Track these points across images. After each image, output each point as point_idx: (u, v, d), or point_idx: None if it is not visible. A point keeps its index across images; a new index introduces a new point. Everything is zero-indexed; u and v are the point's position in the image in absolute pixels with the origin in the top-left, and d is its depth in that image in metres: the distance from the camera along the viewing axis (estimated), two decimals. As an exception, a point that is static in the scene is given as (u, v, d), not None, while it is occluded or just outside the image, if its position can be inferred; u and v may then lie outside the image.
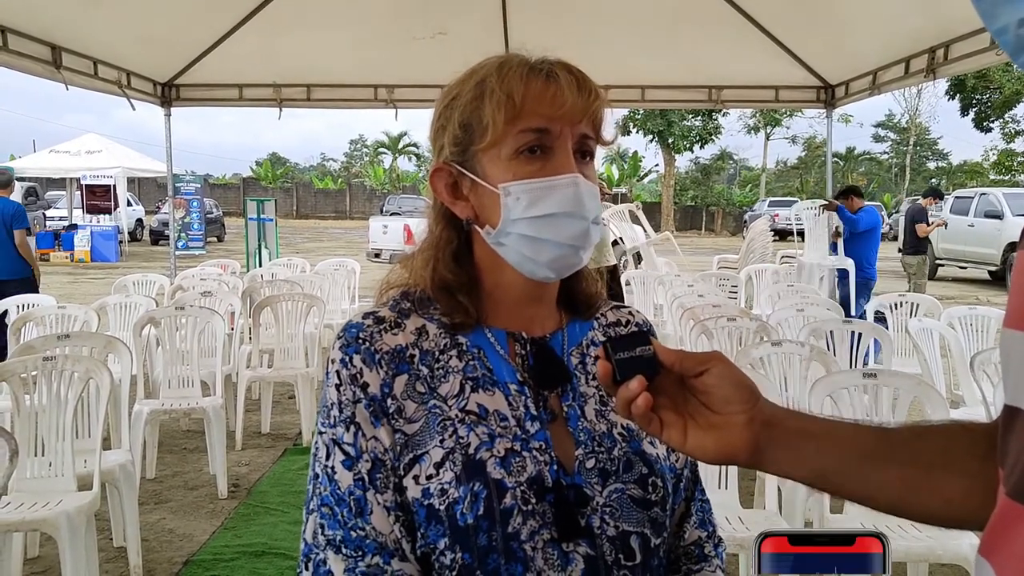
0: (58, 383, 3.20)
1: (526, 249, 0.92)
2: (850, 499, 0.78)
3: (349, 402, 0.90)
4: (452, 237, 0.97)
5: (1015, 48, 0.60)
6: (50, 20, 5.44)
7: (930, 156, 50.06)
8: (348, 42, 7.03)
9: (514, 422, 0.92)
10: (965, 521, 0.75)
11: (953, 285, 15.94)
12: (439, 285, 0.96)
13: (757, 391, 0.77)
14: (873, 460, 0.75)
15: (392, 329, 0.94)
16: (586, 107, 0.90)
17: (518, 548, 0.85)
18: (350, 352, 0.91)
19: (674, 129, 34.20)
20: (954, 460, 0.74)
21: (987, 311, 5.01)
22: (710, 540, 1.07)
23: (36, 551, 3.64)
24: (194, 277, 7.24)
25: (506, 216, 0.91)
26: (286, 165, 56.14)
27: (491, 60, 0.94)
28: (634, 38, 6.77)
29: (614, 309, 1.10)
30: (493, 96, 0.89)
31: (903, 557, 2.77)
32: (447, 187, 0.96)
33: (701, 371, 0.76)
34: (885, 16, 5.73)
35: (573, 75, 0.91)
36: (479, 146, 0.91)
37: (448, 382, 0.93)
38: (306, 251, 19.99)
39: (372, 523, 0.87)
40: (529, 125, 0.89)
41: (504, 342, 0.97)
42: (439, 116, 0.97)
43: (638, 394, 0.74)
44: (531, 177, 0.90)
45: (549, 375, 0.97)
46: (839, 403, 3.02)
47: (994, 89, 31.43)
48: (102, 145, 21.51)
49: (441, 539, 0.86)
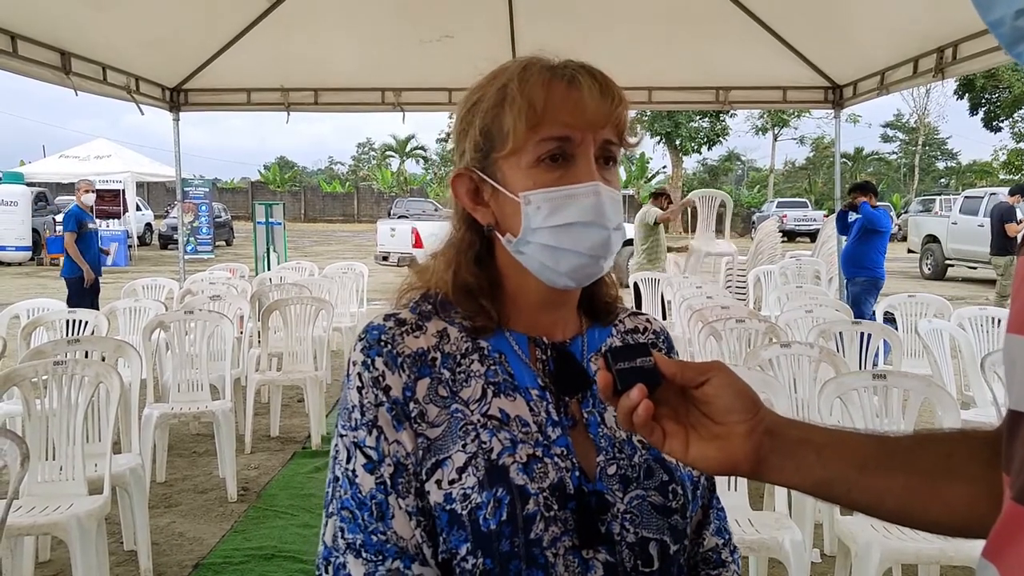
0: (68, 387, 3.21)
1: (546, 258, 0.91)
2: (854, 508, 0.78)
3: (371, 405, 0.89)
4: (474, 240, 0.97)
5: (1011, 40, 0.60)
6: (59, 26, 5.47)
7: (939, 156, 49.83)
8: (355, 46, 7.05)
9: (536, 428, 0.91)
10: (969, 528, 0.74)
11: (963, 285, 15.86)
12: (461, 288, 0.95)
13: (759, 401, 0.77)
14: (875, 469, 0.74)
15: (414, 332, 0.93)
16: (609, 113, 0.89)
17: (540, 555, 0.85)
18: (372, 354, 0.91)
19: (681, 130, 34.14)
20: (957, 467, 0.74)
21: (997, 312, 4.98)
22: (726, 547, 1.08)
23: (47, 555, 3.65)
24: (203, 281, 7.27)
25: (526, 225, 0.90)
26: (294, 169, 56.22)
27: (514, 63, 0.93)
28: (641, 40, 6.76)
29: (632, 316, 1.10)
30: (514, 103, 0.88)
31: (914, 559, 2.76)
32: (468, 192, 0.96)
33: (702, 381, 0.76)
34: (893, 16, 5.71)
35: (596, 80, 0.90)
36: (500, 153, 0.91)
37: (470, 386, 0.92)
38: (314, 254, 20.06)
39: (393, 527, 0.87)
40: (551, 133, 0.88)
41: (525, 347, 0.97)
42: (461, 120, 0.96)
43: (639, 403, 0.73)
44: (552, 185, 0.89)
45: (570, 380, 0.96)
46: (848, 404, 3.01)
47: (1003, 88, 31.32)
48: (111, 150, 21.61)
49: (463, 544, 0.86)
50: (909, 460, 0.75)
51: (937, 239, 17.33)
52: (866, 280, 7.33)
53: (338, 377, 6.54)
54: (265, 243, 11.99)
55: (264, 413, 5.79)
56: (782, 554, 2.74)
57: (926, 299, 5.78)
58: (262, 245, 11.99)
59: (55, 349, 3.72)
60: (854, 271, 7.44)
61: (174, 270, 9.89)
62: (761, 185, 46.49)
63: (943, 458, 0.75)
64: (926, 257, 17.83)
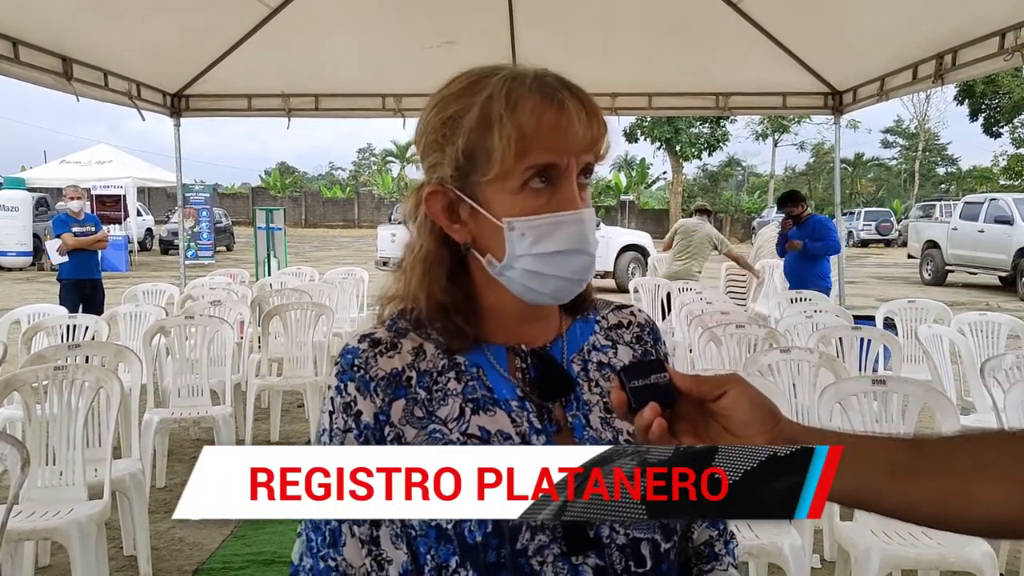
0: (69, 392, 3.21)
1: (530, 282, 0.90)
2: (886, 515, 0.75)
3: (339, 431, 0.90)
4: (445, 256, 0.95)
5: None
6: (61, 32, 5.48)
7: (939, 161, 49.90)
8: (356, 51, 7.06)
9: (519, 440, 0.91)
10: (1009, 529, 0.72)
11: (963, 291, 15.86)
12: (434, 306, 0.94)
13: (777, 411, 0.77)
14: (905, 475, 0.72)
15: (388, 352, 0.93)
16: (594, 139, 0.89)
17: (526, 564, 0.86)
18: (345, 379, 0.91)
19: (681, 136, 34.17)
20: (991, 466, 0.72)
21: (997, 317, 4.98)
22: (721, 538, 1.08)
23: (47, 560, 3.65)
24: (203, 286, 7.26)
25: (511, 252, 0.89)
26: (295, 174, 56.29)
27: (494, 76, 0.89)
28: (641, 46, 6.77)
29: (615, 311, 1.09)
30: (503, 130, 0.85)
31: (914, 565, 2.75)
32: (444, 209, 0.93)
33: (719, 394, 0.76)
34: (892, 22, 5.71)
35: (582, 103, 0.88)
36: (484, 177, 0.88)
37: (447, 405, 0.92)
38: (315, 260, 20.04)
39: (344, 554, 0.88)
40: (538, 161, 0.86)
41: (503, 359, 0.96)
42: (433, 130, 0.92)
43: (652, 422, 0.74)
44: (537, 213, 0.87)
45: (552, 385, 0.96)
46: (848, 410, 3.01)
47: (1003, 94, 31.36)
48: (112, 156, 21.62)
49: (452, 557, 0.86)
50: (943, 463, 0.73)
51: (937, 245, 17.33)
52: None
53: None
54: (266, 248, 12.01)
55: (264, 418, 5.78)
56: (781, 559, 2.74)
57: (926, 304, 5.78)
58: (263, 250, 12.00)
59: (55, 354, 3.72)
60: (800, 284, 6.93)
61: (175, 275, 9.89)
62: (761, 191, 46.54)
63: (976, 458, 0.73)
64: (926, 263, 17.83)
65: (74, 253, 7.31)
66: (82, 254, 7.38)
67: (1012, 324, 4.89)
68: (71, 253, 7.29)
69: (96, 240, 7.52)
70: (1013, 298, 14.39)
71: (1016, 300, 14.10)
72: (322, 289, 7.25)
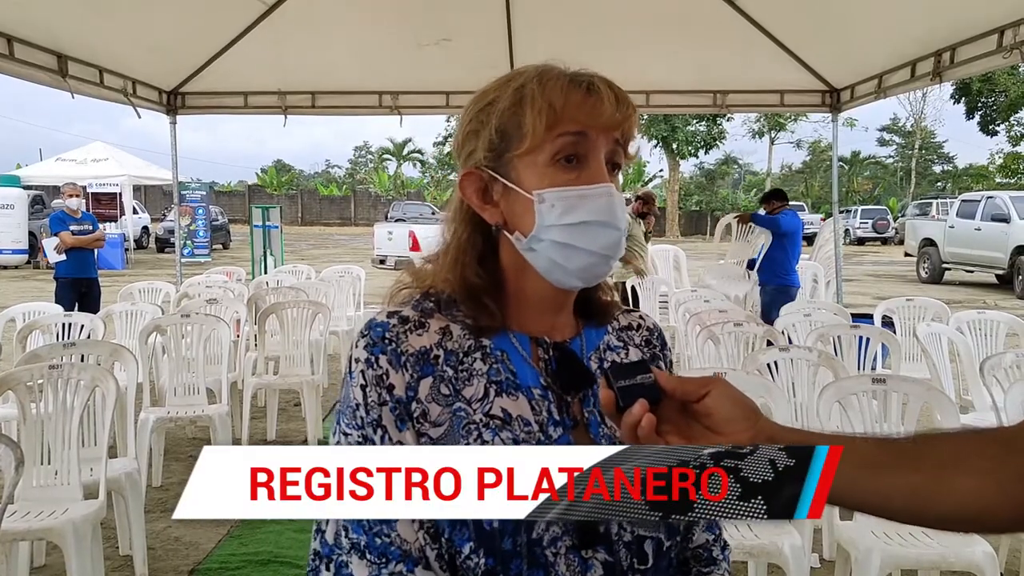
0: (64, 391, 3.19)
1: (558, 256, 0.92)
2: (862, 511, 0.79)
3: (375, 404, 0.90)
4: (477, 241, 0.98)
5: None
6: (56, 28, 5.46)
7: (936, 159, 49.97)
8: (353, 49, 7.04)
9: (537, 427, 0.93)
10: (980, 522, 0.74)
11: (960, 289, 15.88)
12: (465, 288, 0.96)
13: (757, 410, 0.80)
14: (880, 469, 0.75)
15: (417, 330, 0.94)
16: (623, 119, 0.92)
17: (540, 554, 0.87)
18: (376, 352, 0.91)
19: (678, 134, 34.22)
20: (963, 460, 0.74)
21: (996, 315, 4.98)
22: (717, 543, 1.10)
23: (43, 560, 3.63)
24: (200, 284, 7.26)
25: (540, 223, 0.91)
26: (291, 172, 56.23)
27: (529, 68, 0.95)
28: (639, 44, 6.76)
29: (625, 313, 1.12)
30: (535, 103, 0.90)
31: (915, 565, 2.75)
32: (477, 191, 0.96)
33: (702, 395, 0.79)
34: (890, 20, 5.71)
35: (612, 90, 0.93)
36: (516, 152, 0.92)
37: (472, 385, 0.93)
38: (311, 258, 20.04)
39: (397, 530, 0.87)
40: (568, 129, 0.90)
41: (527, 346, 0.98)
42: (471, 120, 0.96)
43: (641, 418, 0.76)
44: (566, 185, 0.91)
45: (572, 379, 0.97)
46: (848, 409, 3.00)
47: (1000, 92, 31.43)
48: (108, 153, 21.60)
49: (466, 543, 0.87)
50: (915, 458, 0.76)
51: (934, 243, 17.36)
52: (775, 289, 7.16)
53: (335, 381, 6.53)
54: (262, 246, 11.99)
55: (261, 417, 5.77)
56: (781, 559, 2.73)
57: (924, 303, 5.78)
58: (259, 248, 11.99)
59: (51, 353, 3.71)
60: (765, 278, 7.38)
61: (171, 273, 9.86)
62: (758, 189, 46.60)
63: (949, 454, 0.76)
64: (923, 261, 17.86)
65: (71, 251, 7.29)
66: (79, 252, 7.36)
67: (1011, 322, 4.89)
68: (68, 251, 7.27)
69: (94, 239, 7.51)
70: (1010, 296, 14.41)
71: (1013, 298, 14.13)
72: (319, 287, 7.24)
